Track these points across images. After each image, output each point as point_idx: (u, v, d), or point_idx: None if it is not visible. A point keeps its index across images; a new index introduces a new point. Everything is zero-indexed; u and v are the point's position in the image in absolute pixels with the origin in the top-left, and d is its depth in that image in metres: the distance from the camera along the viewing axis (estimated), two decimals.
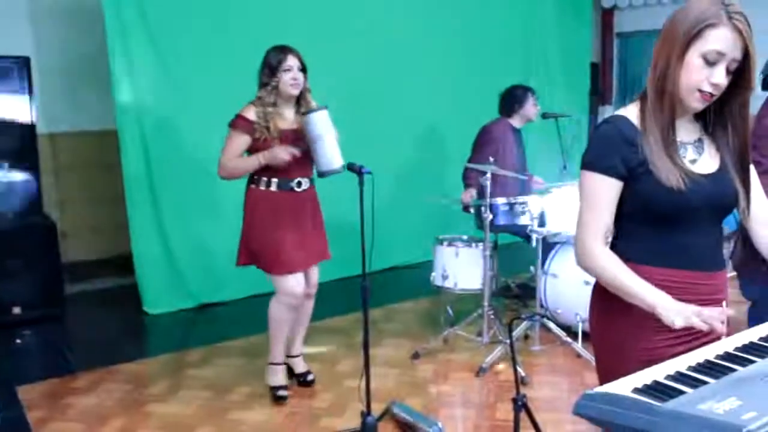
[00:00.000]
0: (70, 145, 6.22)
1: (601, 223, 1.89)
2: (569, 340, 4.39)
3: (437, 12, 6.69)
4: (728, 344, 1.73)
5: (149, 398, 3.96)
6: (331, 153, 3.55)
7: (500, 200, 4.62)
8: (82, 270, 6.14)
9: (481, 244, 4.60)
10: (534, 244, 4.57)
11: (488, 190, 4.39)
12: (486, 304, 4.51)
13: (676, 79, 1.80)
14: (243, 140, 3.67)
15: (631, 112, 1.91)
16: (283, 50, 3.65)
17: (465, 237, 4.80)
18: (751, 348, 1.71)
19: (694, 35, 1.76)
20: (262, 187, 3.73)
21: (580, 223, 1.93)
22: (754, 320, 2.84)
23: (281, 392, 3.90)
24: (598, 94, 9.10)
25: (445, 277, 4.65)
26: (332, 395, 3.96)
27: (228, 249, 5.34)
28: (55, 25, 5.98)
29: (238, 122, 3.67)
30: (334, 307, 5.02)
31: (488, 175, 4.39)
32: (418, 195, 6.50)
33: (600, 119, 9.13)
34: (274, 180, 3.71)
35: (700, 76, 1.77)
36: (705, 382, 1.48)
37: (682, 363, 1.61)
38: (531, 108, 5.33)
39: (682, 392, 1.43)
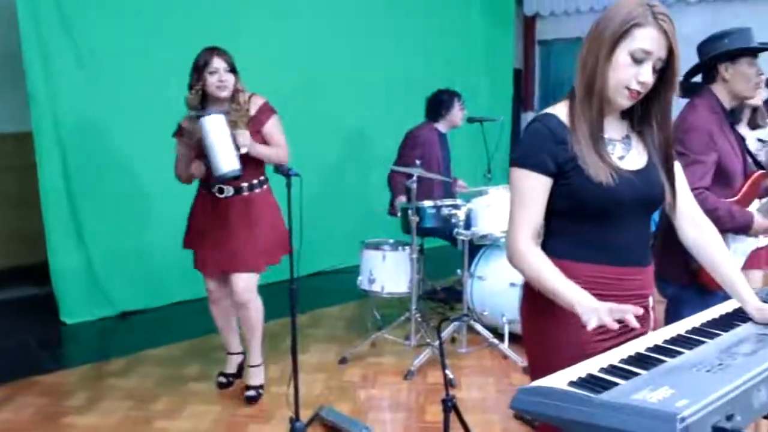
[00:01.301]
0: None
1: (530, 220, 1.90)
2: (496, 341, 4.42)
3: (365, 15, 6.70)
4: (657, 337, 1.76)
5: (68, 411, 3.79)
6: (218, 157, 3.44)
7: (427, 203, 4.64)
8: None
9: (407, 248, 4.60)
10: (460, 246, 4.60)
11: (415, 193, 4.40)
12: (413, 307, 4.51)
13: (604, 77, 1.82)
14: (181, 147, 3.71)
15: (560, 110, 1.92)
16: (210, 52, 3.58)
17: (391, 241, 4.80)
18: (678, 340, 1.75)
19: (622, 34, 1.79)
20: (202, 190, 3.82)
21: (511, 220, 1.93)
22: (671, 319, 2.91)
23: (219, 378, 4.06)
24: (521, 100, 9.26)
25: (372, 281, 4.63)
26: (259, 401, 3.88)
27: (150, 255, 5.25)
28: None
29: (176, 131, 3.75)
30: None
31: (415, 177, 4.39)
32: (344, 198, 6.50)
33: (523, 126, 9.35)
34: (206, 184, 3.76)
35: (628, 74, 1.80)
36: (637, 374, 1.50)
37: (615, 356, 1.63)
38: (457, 113, 5.38)
39: (615, 384, 1.44)
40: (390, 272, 4.59)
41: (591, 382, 1.47)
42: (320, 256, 6.13)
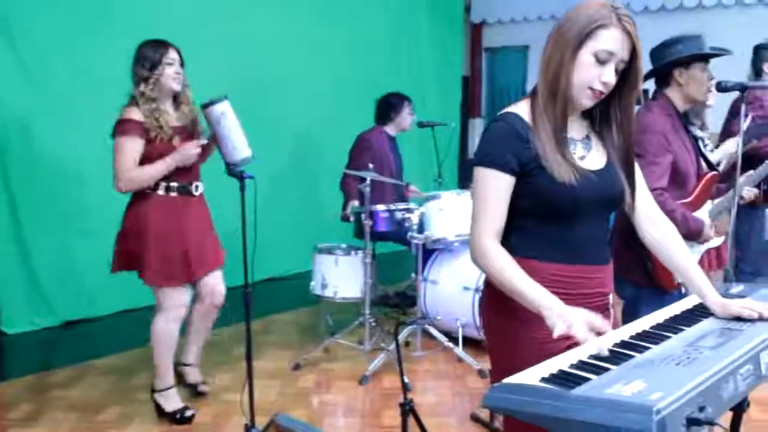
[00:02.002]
0: None
1: (494, 219, 1.90)
2: (451, 345, 4.42)
3: (314, 20, 6.67)
4: (623, 333, 1.77)
5: (10, 423, 3.64)
6: (237, 143, 3.35)
7: (380, 207, 4.62)
8: None
9: (360, 252, 4.57)
10: (414, 250, 4.59)
11: (368, 196, 4.37)
12: (367, 311, 4.48)
13: (568, 77, 1.83)
14: (137, 145, 3.39)
15: (522, 109, 1.92)
16: (163, 44, 3.47)
17: (344, 245, 4.76)
18: (643, 336, 1.76)
19: (586, 35, 1.81)
20: (161, 192, 3.49)
21: (474, 219, 1.93)
22: (628, 319, 2.95)
23: (187, 412, 3.66)
24: (468, 106, 9.33)
25: (324, 286, 4.59)
26: (211, 410, 3.79)
27: (95, 261, 5.09)
28: None
29: (126, 127, 3.38)
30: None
31: (368, 181, 4.37)
32: (293, 204, 6.44)
33: (470, 132, 9.43)
34: (174, 184, 3.50)
35: (591, 75, 1.82)
36: (607, 369, 1.50)
37: (583, 352, 1.62)
38: (407, 117, 5.39)
39: (587, 379, 1.44)
40: (343, 277, 4.56)
41: (563, 378, 1.47)
42: (271, 263, 6.04)
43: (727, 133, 4.49)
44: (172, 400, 3.67)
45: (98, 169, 4.94)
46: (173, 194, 3.52)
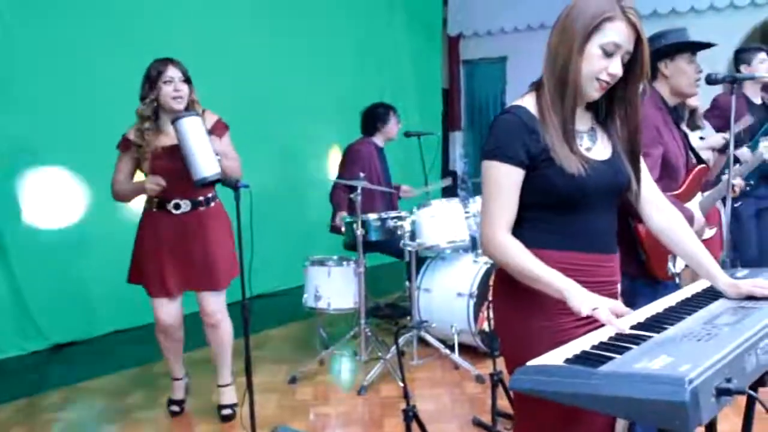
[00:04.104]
0: None
1: (506, 211, 1.90)
2: (448, 351, 4.41)
3: (295, 36, 6.69)
4: (638, 316, 1.77)
5: None
6: (199, 160, 3.30)
7: (372, 216, 4.61)
8: None
9: (352, 263, 4.56)
10: (407, 258, 4.59)
11: (359, 205, 4.37)
12: (362, 321, 4.46)
13: (576, 69, 1.85)
14: (126, 162, 3.59)
15: (528, 102, 1.94)
16: (163, 62, 3.47)
17: (335, 257, 4.75)
18: (660, 317, 1.76)
19: (593, 28, 1.83)
20: (147, 207, 3.65)
21: (485, 212, 1.93)
22: None
23: (172, 407, 3.87)
24: (448, 119, 9.37)
25: (318, 298, 4.57)
26: (211, 426, 3.75)
27: (85, 283, 5.05)
28: None
29: (120, 143, 3.59)
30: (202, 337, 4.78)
31: (359, 190, 4.37)
32: (282, 219, 6.41)
33: (451, 144, 9.46)
34: (155, 200, 3.59)
35: (599, 67, 1.84)
36: (629, 348, 1.50)
37: (603, 335, 1.63)
38: (393, 126, 5.40)
39: (611, 358, 1.44)
40: (336, 288, 4.54)
41: (587, 358, 1.47)
42: (261, 279, 5.98)
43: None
44: (175, 391, 3.91)
45: (88, 190, 4.94)
46: (154, 209, 3.62)
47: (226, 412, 3.79)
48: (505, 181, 1.89)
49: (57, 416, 3.94)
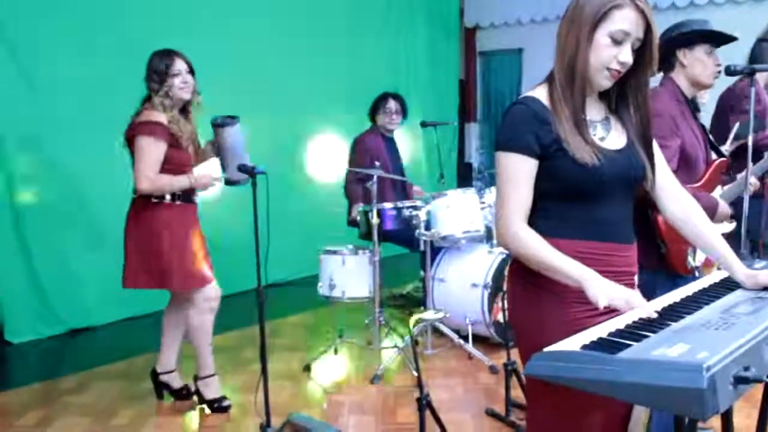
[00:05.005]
0: None
1: (521, 202, 1.90)
2: (462, 341, 4.41)
3: (313, 25, 6.68)
4: (654, 306, 1.77)
5: (21, 430, 3.61)
6: (237, 165, 3.45)
7: (387, 205, 4.61)
8: None
9: (367, 252, 4.56)
10: (422, 247, 4.59)
11: (375, 193, 4.37)
12: (377, 310, 4.47)
13: (585, 59, 1.85)
14: (161, 149, 3.44)
15: (540, 93, 1.93)
16: (168, 54, 3.49)
17: (350, 246, 4.75)
18: (677, 307, 1.76)
19: (601, 16, 1.82)
20: (168, 201, 3.54)
21: (500, 203, 1.93)
22: None
23: (226, 402, 3.79)
24: (464, 110, 9.34)
25: (332, 287, 4.56)
26: (224, 412, 3.78)
27: (99, 270, 5.08)
28: None
29: (154, 129, 3.42)
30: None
31: (374, 179, 4.37)
32: (295, 208, 6.41)
33: (467, 136, 9.44)
34: (179, 193, 3.58)
35: (609, 55, 1.84)
36: (647, 336, 1.50)
37: (619, 323, 1.63)
38: (381, 116, 5.40)
39: (628, 345, 1.44)
40: (350, 277, 4.53)
41: (604, 345, 1.47)
42: (274, 268, 6.01)
43: (715, 131, 4.50)
44: (216, 386, 3.83)
45: (102, 178, 4.95)
46: (179, 202, 3.59)
47: (227, 403, 3.84)
48: (519, 171, 1.89)
49: (73, 400, 3.98)
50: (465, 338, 4.47)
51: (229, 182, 3.68)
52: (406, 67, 7.96)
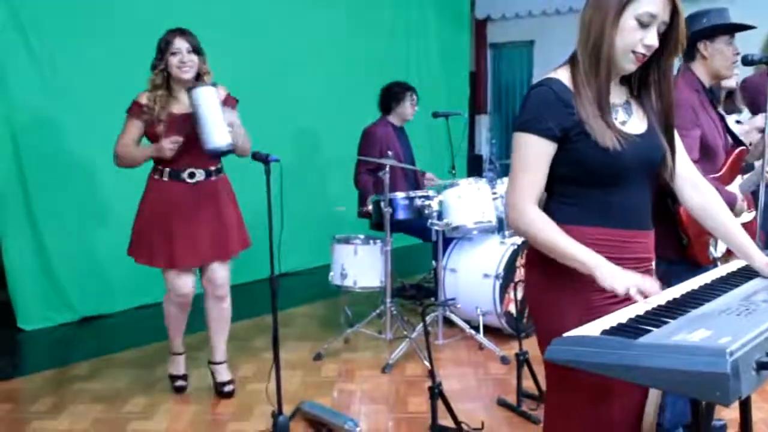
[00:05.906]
0: None
1: (535, 184, 1.89)
2: (473, 332, 4.41)
3: (322, 15, 6.67)
4: (673, 293, 1.76)
5: (33, 416, 3.62)
6: (212, 130, 3.32)
7: (400, 194, 4.61)
8: None
9: (379, 242, 4.56)
10: (434, 237, 4.59)
11: (387, 183, 4.36)
12: (388, 300, 4.47)
13: (611, 42, 1.83)
14: (136, 126, 3.56)
15: (562, 75, 1.91)
16: (172, 32, 3.51)
17: (362, 236, 4.74)
18: (696, 294, 1.75)
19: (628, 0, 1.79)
20: (156, 176, 3.62)
21: (514, 186, 1.92)
22: None
23: (178, 382, 3.88)
24: (475, 102, 9.31)
25: (344, 276, 4.56)
26: (236, 400, 3.79)
27: (112, 257, 5.08)
28: None
29: (131, 108, 3.56)
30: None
31: (387, 169, 4.36)
32: (305, 200, 6.41)
33: (477, 128, 9.41)
34: (166, 169, 3.58)
35: (634, 39, 1.82)
36: (667, 321, 1.50)
37: (639, 309, 1.62)
38: (408, 107, 5.35)
39: (648, 330, 1.44)
40: (362, 266, 4.54)
41: (624, 330, 1.47)
42: (288, 257, 6.02)
43: None
44: (172, 365, 3.94)
45: (113, 165, 4.95)
46: (165, 179, 3.60)
47: (229, 388, 3.83)
48: (536, 153, 1.87)
49: (85, 386, 4.00)
50: (476, 329, 4.47)
51: (212, 154, 3.42)
52: (417, 59, 7.93)
